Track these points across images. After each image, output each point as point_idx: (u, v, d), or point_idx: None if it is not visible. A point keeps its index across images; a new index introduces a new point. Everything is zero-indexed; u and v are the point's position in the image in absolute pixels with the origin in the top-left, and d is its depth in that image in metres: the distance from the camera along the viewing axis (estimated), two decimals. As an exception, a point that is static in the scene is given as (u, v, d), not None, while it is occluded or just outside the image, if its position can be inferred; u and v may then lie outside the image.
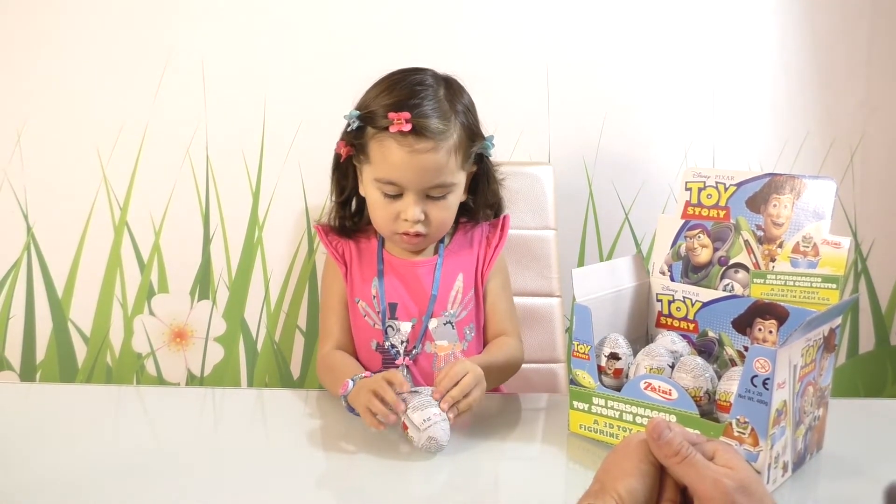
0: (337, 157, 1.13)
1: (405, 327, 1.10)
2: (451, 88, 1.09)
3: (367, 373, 0.97)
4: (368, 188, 1.08)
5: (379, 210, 1.07)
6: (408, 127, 1.00)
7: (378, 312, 1.10)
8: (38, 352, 1.57)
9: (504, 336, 1.13)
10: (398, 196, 1.05)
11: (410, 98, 1.03)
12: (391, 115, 1.01)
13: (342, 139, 1.10)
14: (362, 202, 1.13)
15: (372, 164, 1.06)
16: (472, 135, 1.08)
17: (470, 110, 1.09)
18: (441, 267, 1.12)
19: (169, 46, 1.50)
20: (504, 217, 1.17)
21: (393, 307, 1.10)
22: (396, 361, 1.10)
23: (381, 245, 1.13)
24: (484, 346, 1.15)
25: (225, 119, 1.53)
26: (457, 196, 1.09)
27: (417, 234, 1.07)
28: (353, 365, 1.08)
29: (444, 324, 1.11)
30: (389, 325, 1.10)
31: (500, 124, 1.54)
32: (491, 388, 1.11)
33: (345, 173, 1.13)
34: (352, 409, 0.93)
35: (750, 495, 0.58)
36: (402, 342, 1.10)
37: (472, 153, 1.09)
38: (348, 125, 1.07)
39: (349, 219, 1.15)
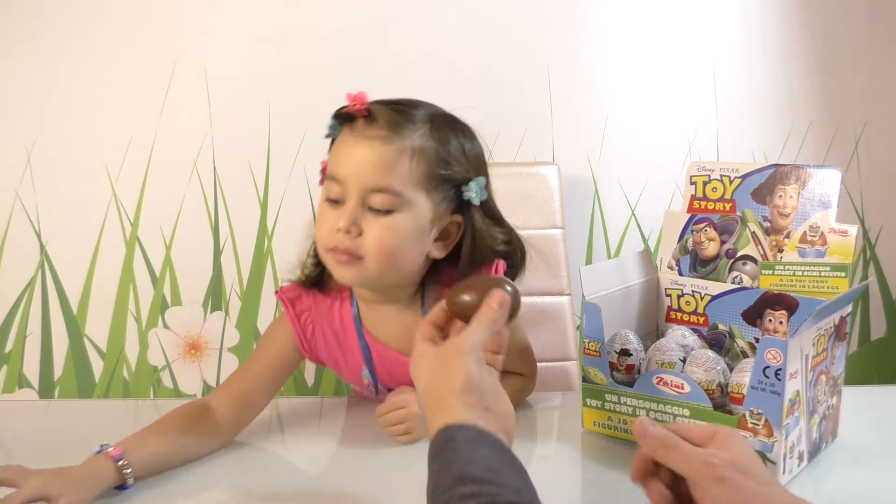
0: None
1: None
2: (449, 117, 0.93)
3: (117, 450, 0.80)
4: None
5: (319, 221, 0.91)
6: (361, 109, 0.87)
7: (375, 393, 1.01)
8: (56, 368, 1.59)
9: (509, 377, 0.98)
10: (340, 203, 0.88)
11: (390, 101, 0.91)
12: (349, 96, 0.89)
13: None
14: None
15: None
16: (447, 158, 0.89)
17: (462, 148, 0.91)
18: None
19: (173, 60, 1.52)
20: (497, 263, 0.94)
21: (390, 389, 0.98)
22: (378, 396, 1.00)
23: (358, 322, 0.97)
24: None
25: (231, 131, 1.55)
26: (406, 220, 0.87)
27: (346, 251, 0.87)
28: (155, 435, 0.86)
29: None
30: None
31: (504, 125, 1.55)
32: None
33: None
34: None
35: (745, 473, 0.58)
36: None
37: (442, 181, 0.89)
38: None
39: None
